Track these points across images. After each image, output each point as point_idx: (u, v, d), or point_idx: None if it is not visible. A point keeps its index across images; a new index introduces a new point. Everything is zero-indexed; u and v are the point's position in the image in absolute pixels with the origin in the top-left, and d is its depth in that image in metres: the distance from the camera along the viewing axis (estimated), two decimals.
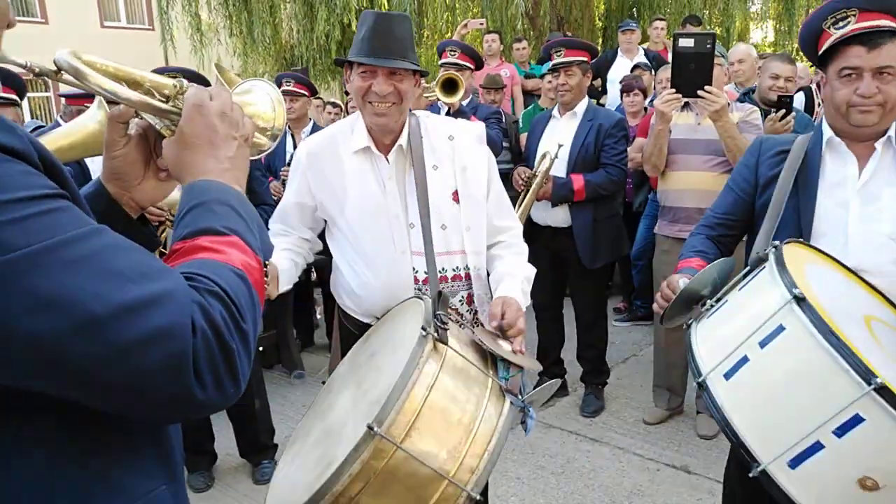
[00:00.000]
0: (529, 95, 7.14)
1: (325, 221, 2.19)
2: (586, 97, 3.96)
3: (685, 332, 1.68)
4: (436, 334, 1.54)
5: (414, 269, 2.03)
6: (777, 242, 1.61)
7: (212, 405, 0.80)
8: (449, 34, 10.41)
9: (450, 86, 4.40)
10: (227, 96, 1.06)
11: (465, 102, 4.77)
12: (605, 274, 4.16)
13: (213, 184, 0.97)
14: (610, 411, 4.10)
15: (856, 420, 1.25)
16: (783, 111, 3.36)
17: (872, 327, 1.50)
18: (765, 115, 3.59)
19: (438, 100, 4.44)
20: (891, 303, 1.75)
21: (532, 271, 2.13)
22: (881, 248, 1.84)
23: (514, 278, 2.02)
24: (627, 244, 4.29)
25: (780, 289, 1.42)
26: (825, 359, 1.29)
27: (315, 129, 5.41)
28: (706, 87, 3.13)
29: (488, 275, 2.16)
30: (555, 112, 3.99)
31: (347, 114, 6.31)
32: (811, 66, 3.81)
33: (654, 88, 5.35)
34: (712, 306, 1.66)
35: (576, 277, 4.03)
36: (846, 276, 1.74)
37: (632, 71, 6.23)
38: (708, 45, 3.07)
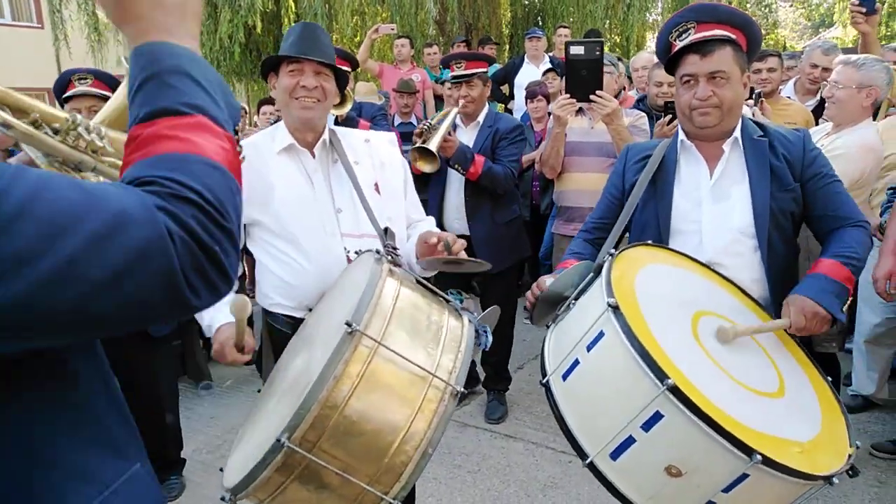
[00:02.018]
0: (441, 100, 7.22)
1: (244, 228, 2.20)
2: (487, 105, 4.04)
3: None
4: (389, 258, 1.64)
5: (346, 248, 2.11)
6: (613, 251, 1.75)
7: (210, 305, 0.78)
8: (358, 38, 10.37)
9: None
10: None
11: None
12: (510, 280, 4.16)
13: (164, 47, 0.84)
14: (523, 407, 4.20)
15: (657, 416, 1.40)
16: (670, 116, 3.55)
17: (699, 324, 1.68)
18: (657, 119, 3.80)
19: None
20: (741, 290, 1.93)
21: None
22: (732, 243, 2.02)
23: (432, 226, 2.27)
24: (529, 246, 4.32)
25: (602, 297, 1.56)
26: (631, 362, 1.44)
27: None
28: (597, 92, 3.28)
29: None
30: (459, 122, 4.04)
31: (254, 124, 6.19)
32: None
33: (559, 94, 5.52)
34: (568, 308, 1.77)
35: (482, 284, 4.05)
36: (693, 273, 1.90)
37: (544, 75, 6.41)
38: (597, 53, 3.21)
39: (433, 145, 3.56)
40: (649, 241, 1.99)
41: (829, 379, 1.77)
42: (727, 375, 1.55)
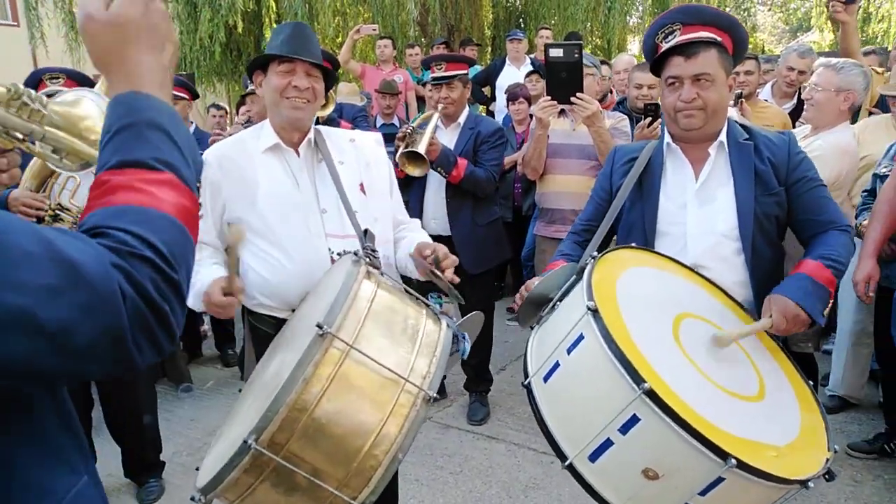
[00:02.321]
0: (423, 101, 7.22)
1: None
2: (467, 107, 4.05)
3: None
4: (367, 260, 1.63)
5: (330, 250, 2.10)
6: (595, 254, 1.76)
7: (149, 363, 0.79)
8: (340, 39, 10.34)
9: None
10: (161, 3, 0.95)
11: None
12: (490, 282, 4.16)
13: (144, 100, 0.86)
14: (505, 408, 4.21)
15: (634, 420, 1.41)
16: (650, 118, 3.58)
17: (680, 327, 1.69)
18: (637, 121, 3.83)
19: None
20: (724, 293, 1.95)
21: None
22: (716, 246, 2.03)
23: (426, 237, 2.22)
24: (509, 248, 4.33)
25: (583, 300, 1.57)
26: (609, 365, 1.45)
27: (197, 132, 5.25)
28: (578, 95, 3.29)
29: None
30: (439, 123, 4.03)
31: (233, 122, 6.14)
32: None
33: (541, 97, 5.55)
34: (552, 310, 1.77)
35: (461, 285, 4.03)
36: (676, 276, 1.91)
37: (527, 77, 6.43)
38: (576, 55, 3.23)
39: (422, 148, 3.56)
40: (633, 244, 2.00)
41: (811, 382, 1.78)
42: (707, 379, 1.56)
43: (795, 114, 4.61)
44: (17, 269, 0.68)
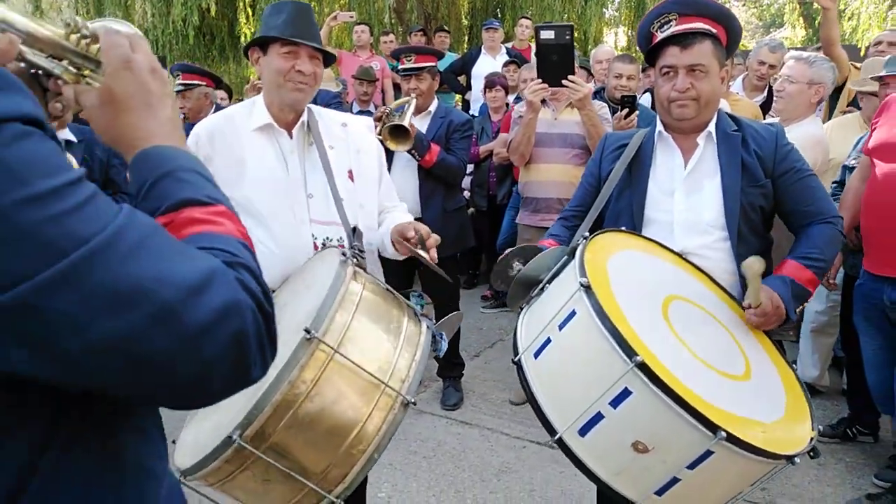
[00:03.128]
0: (399, 89, 7.18)
1: None
2: (436, 98, 4.09)
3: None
4: (354, 260, 1.65)
5: (313, 235, 2.09)
6: (587, 234, 1.79)
7: (259, 377, 0.77)
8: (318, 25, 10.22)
9: None
10: (147, 46, 0.93)
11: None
12: (454, 267, 4.20)
13: (167, 150, 0.88)
14: (478, 394, 4.24)
15: (626, 393, 1.44)
16: (626, 110, 3.62)
17: (669, 308, 1.72)
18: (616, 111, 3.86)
19: None
20: (711, 280, 1.98)
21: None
22: (702, 234, 2.06)
23: (406, 216, 2.20)
24: (472, 236, 4.38)
25: (575, 277, 1.59)
26: (601, 340, 1.47)
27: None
28: (569, 77, 3.29)
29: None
30: (408, 123, 4.02)
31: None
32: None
33: (518, 87, 5.56)
34: (541, 291, 1.80)
35: (426, 271, 4.07)
36: (664, 261, 1.95)
37: (504, 67, 6.43)
38: (567, 37, 3.22)
39: (406, 121, 3.59)
40: (623, 228, 2.01)
41: (795, 366, 1.83)
42: (695, 357, 1.59)
43: (765, 107, 4.69)
44: (166, 265, 0.67)
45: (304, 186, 2.12)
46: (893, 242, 2.70)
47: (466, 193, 5.60)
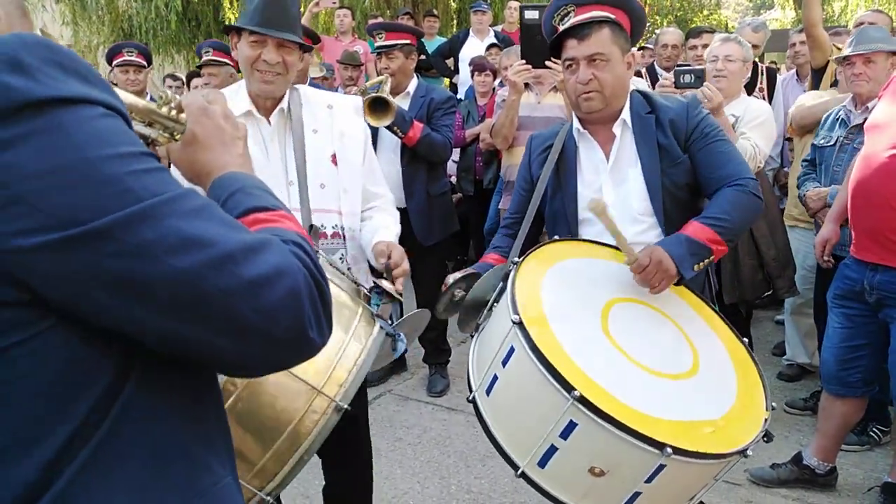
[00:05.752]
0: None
1: None
2: (415, 77, 3.99)
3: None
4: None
5: None
6: (517, 259, 1.77)
7: (317, 348, 0.85)
8: (301, 9, 10.10)
9: None
10: (223, 98, 1.11)
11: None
12: (442, 255, 4.18)
13: (239, 174, 1.03)
14: (464, 380, 4.20)
15: (572, 425, 1.47)
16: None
17: (610, 314, 1.73)
18: None
19: None
20: None
21: (399, 231, 2.21)
22: (634, 223, 2.05)
23: (389, 230, 2.13)
24: (457, 221, 4.34)
25: (509, 312, 1.60)
26: (539, 376, 1.50)
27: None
28: (553, 59, 3.25)
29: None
30: (387, 95, 3.98)
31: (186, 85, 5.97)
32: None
33: (499, 71, 5.50)
34: (489, 314, 1.79)
35: (414, 258, 4.04)
36: (602, 261, 1.93)
37: (487, 50, 6.36)
38: None
39: (386, 91, 3.50)
40: (557, 237, 1.99)
41: (746, 340, 1.81)
42: (638, 366, 1.60)
43: (749, 87, 4.66)
44: (225, 226, 0.79)
45: (284, 174, 2.09)
46: (871, 226, 2.68)
47: (453, 178, 5.57)
